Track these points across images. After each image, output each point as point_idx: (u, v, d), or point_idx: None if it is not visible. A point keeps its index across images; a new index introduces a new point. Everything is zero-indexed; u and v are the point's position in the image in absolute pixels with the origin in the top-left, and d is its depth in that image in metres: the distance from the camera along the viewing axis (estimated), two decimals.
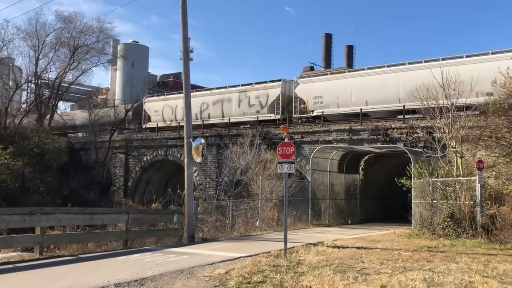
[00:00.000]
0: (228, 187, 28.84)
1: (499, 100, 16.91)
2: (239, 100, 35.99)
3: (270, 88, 34.66)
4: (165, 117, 40.70)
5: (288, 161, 11.82)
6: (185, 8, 16.29)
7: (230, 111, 36.32)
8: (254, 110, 34.99)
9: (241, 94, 35.98)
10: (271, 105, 34.09)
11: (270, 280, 8.53)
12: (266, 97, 34.52)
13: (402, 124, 26.30)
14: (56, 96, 41.09)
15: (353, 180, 27.60)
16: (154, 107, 42.05)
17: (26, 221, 11.54)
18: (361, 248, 13.26)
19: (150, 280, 8.56)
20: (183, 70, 16.76)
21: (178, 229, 16.30)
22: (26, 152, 30.66)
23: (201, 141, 15.84)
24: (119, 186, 39.31)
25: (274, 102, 33.91)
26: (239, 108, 35.74)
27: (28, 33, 39.27)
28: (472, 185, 15.91)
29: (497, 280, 8.65)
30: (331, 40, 65.24)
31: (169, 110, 40.54)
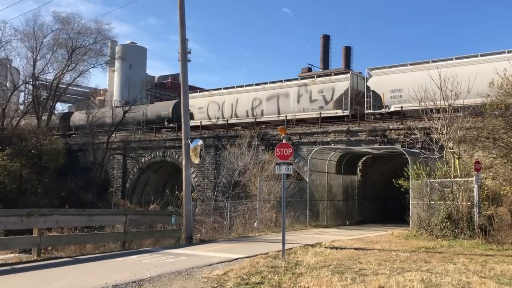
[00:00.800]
0: (226, 188, 28.83)
1: (496, 101, 16.94)
2: (299, 95, 32.67)
3: (336, 81, 31.37)
4: (211, 115, 37.99)
5: (286, 162, 11.83)
6: (183, 10, 16.29)
7: (287, 107, 33.14)
8: (316, 106, 31.70)
9: (301, 88, 32.70)
10: (337, 100, 30.81)
11: (268, 281, 8.53)
12: (331, 91, 31.17)
13: (400, 125, 26.35)
14: (54, 97, 41.07)
15: (351, 181, 27.62)
16: (198, 103, 38.87)
17: (23, 222, 11.52)
18: (359, 249, 13.27)
19: (148, 281, 8.55)
20: (181, 71, 16.77)
21: (176, 230, 16.28)
22: (24, 153, 30.61)
23: (199, 142, 15.84)
24: (117, 188, 39.25)
25: (341, 97, 30.58)
26: (299, 103, 32.33)
27: (25, 34, 39.31)
28: (470, 186, 15.93)
29: (494, 281, 8.67)
30: (329, 41, 65.33)
31: (214, 106, 37.76)
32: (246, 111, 34.95)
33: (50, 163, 32.09)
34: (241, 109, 35.81)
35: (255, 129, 31.89)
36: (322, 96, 31.57)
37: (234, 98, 36.46)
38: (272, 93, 34.35)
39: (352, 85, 30.65)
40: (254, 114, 34.77)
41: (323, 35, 65.32)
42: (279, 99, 33.80)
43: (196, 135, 33.13)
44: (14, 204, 25.14)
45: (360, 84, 31.21)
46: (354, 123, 28.71)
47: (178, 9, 16.27)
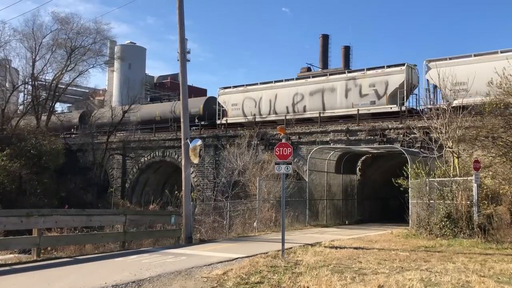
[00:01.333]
0: (225, 188, 28.85)
1: (495, 100, 16.97)
2: (346, 90, 30.41)
3: (390, 74, 29.00)
4: (246, 111, 35.47)
5: (286, 162, 11.84)
6: (182, 9, 16.29)
7: (333, 102, 30.89)
8: (367, 101, 29.44)
9: (349, 82, 30.43)
10: (391, 95, 28.57)
11: (268, 280, 8.54)
12: (384, 85, 28.96)
13: (399, 125, 26.37)
14: (53, 97, 41.00)
15: (350, 181, 27.65)
16: (232, 100, 36.60)
17: (23, 223, 11.52)
18: (358, 248, 13.29)
19: (148, 281, 8.56)
20: (180, 71, 16.77)
21: (175, 230, 16.29)
22: (23, 153, 30.59)
23: (199, 142, 15.84)
24: (117, 188, 39.23)
25: (396, 91, 28.37)
26: (347, 98, 30.06)
27: (24, 35, 39.22)
28: (469, 185, 15.96)
29: (493, 280, 8.69)
30: (328, 41, 65.33)
31: (250, 103, 35.33)
32: (286, 107, 32.92)
33: (49, 163, 32.08)
34: (280, 105, 33.65)
35: (255, 128, 31.88)
36: (374, 91, 29.24)
37: (273, 94, 34.27)
38: (316, 88, 32.01)
39: (407, 78, 28.56)
40: (296, 111, 32.67)
41: (322, 35, 65.32)
42: (324, 94, 31.50)
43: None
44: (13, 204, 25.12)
45: (414, 77, 29.32)
46: (354, 123, 28.72)
47: (177, 9, 16.27)
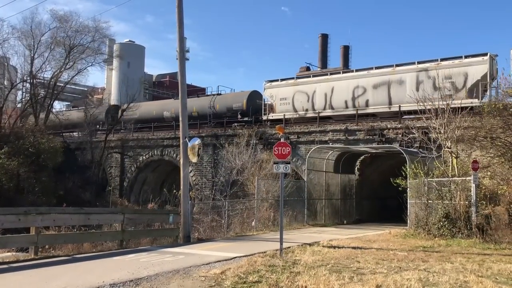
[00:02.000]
0: (224, 187, 28.87)
1: (494, 101, 16.98)
2: (417, 82, 27.67)
3: (470, 64, 26.25)
4: (297, 106, 32.59)
5: (284, 161, 11.83)
6: (181, 8, 16.27)
7: (401, 96, 27.96)
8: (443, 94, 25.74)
9: (420, 74, 27.73)
10: (471, 88, 25.85)
11: (266, 280, 8.53)
12: (463, 77, 26.28)
13: (398, 125, 26.38)
14: (52, 95, 40.93)
15: (349, 180, 27.66)
16: (280, 93, 33.85)
17: (21, 221, 11.51)
18: (356, 248, 13.29)
19: (146, 280, 8.54)
20: (179, 70, 16.75)
21: (173, 229, 16.27)
22: (21, 152, 30.56)
23: (197, 141, 15.82)
24: (115, 186, 39.24)
25: (477, 83, 25.64)
26: (418, 92, 25.96)
27: (23, 33, 39.14)
28: (467, 185, 15.97)
29: (491, 280, 8.69)
30: (327, 40, 65.39)
31: (302, 97, 32.51)
32: (345, 102, 30.03)
33: (47, 161, 32.05)
34: (338, 99, 30.77)
35: (253, 128, 31.86)
36: (451, 83, 26.15)
37: (328, 87, 31.39)
38: (381, 80, 29.29)
39: (490, 69, 25.83)
40: (356, 105, 29.94)
41: (321, 34, 65.37)
42: (391, 87, 28.70)
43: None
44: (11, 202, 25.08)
45: (494, 69, 26.53)
46: (352, 122, 28.73)
47: (177, 8, 16.25)
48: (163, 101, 46.38)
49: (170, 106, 41.80)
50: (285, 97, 33.79)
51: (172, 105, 41.37)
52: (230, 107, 37.65)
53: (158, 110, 43.06)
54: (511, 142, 16.99)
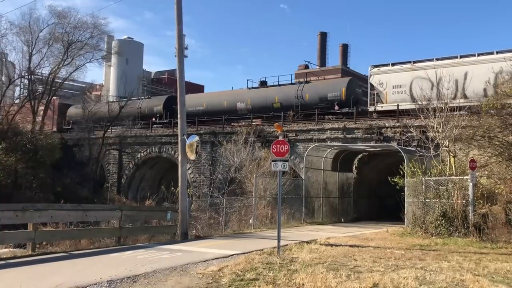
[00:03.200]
0: (222, 185, 28.86)
1: (492, 100, 17.01)
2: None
3: None
4: (416, 95, 27.06)
5: (282, 159, 11.83)
6: (180, 5, 16.24)
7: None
8: None
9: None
10: None
11: (263, 277, 8.54)
12: None
13: (396, 123, 26.41)
14: (50, 92, 40.86)
15: (346, 179, 27.69)
16: (393, 80, 29.56)
17: (18, 217, 11.49)
18: (354, 246, 13.31)
19: (143, 277, 8.55)
20: (177, 67, 16.71)
21: (171, 226, 16.27)
22: (19, 148, 30.54)
23: (195, 139, 15.80)
24: (113, 183, 39.20)
25: None
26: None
27: (21, 28, 39.06)
28: (465, 184, 16.01)
29: (488, 279, 8.72)
30: (326, 38, 65.30)
31: (424, 84, 27.51)
32: (483, 90, 25.29)
33: (45, 158, 32.04)
34: (474, 86, 26.06)
35: (251, 125, 31.85)
36: None
37: (460, 72, 26.98)
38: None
39: None
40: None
41: (320, 32, 65.29)
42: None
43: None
44: (9, 199, 25.08)
45: None
46: (351, 121, 28.73)
47: (175, 5, 16.22)
48: (235, 90, 40.99)
49: (246, 96, 36.76)
50: (400, 85, 29.22)
51: (248, 95, 36.74)
52: (324, 97, 32.68)
53: (230, 101, 37.81)
54: (509, 141, 17.02)
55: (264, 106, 35.37)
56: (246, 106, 36.29)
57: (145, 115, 42.51)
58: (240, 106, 36.75)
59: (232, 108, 37.19)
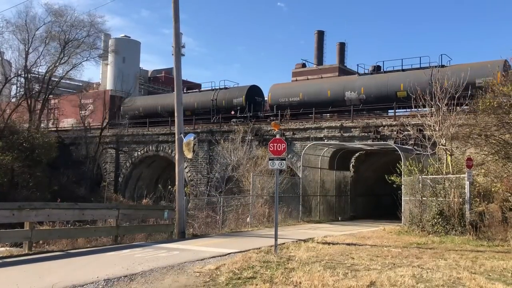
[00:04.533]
0: (219, 183, 28.86)
1: (488, 99, 17.05)
2: None
3: None
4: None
5: (279, 158, 11.84)
6: (177, 3, 16.19)
7: None
8: None
9: None
10: None
11: (260, 276, 8.55)
12: None
13: (393, 122, 26.45)
14: (46, 90, 40.73)
15: (343, 177, 27.72)
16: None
17: (15, 216, 11.45)
18: (351, 244, 13.34)
19: (140, 275, 8.54)
20: (174, 66, 16.68)
21: (168, 225, 16.26)
22: (16, 146, 30.43)
23: (192, 137, 15.78)
24: (110, 182, 39.14)
25: None
26: None
27: (17, 27, 38.85)
28: (461, 183, 16.06)
29: (484, 277, 8.75)
30: (323, 37, 65.37)
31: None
32: None
33: (42, 156, 31.93)
34: None
35: (249, 124, 31.85)
36: None
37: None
38: None
39: None
40: None
41: (317, 31, 65.33)
42: None
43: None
44: (5, 197, 24.99)
45: None
46: (348, 119, 28.76)
47: (172, 3, 16.18)
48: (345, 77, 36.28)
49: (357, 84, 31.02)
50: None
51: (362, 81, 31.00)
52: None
53: (336, 90, 31.95)
54: (505, 140, 17.07)
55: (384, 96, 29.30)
56: (358, 96, 30.59)
57: (221, 108, 37.12)
58: (351, 96, 30.87)
59: (340, 98, 31.54)
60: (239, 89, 37.76)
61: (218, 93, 38.04)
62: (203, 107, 38.33)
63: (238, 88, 38.09)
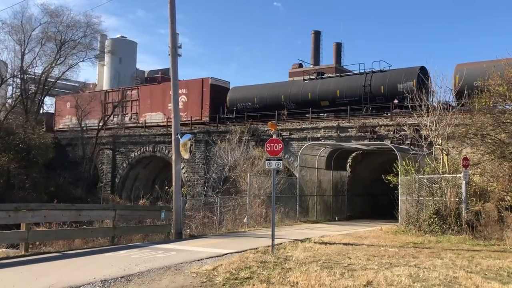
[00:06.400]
0: (216, 184, 28.83)
1: (484, 98, 17.12)
2: None
3: None
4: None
5: (276, 158, 11.85)
6: (174, 3, 16.19)
7: None
8: None
9: None
10: None
11: (257, 276, 8.55)
12: None
13: (389, 122, 26.50)
14: (43, 91, 40.63)
15: (340, 177, 27.76)
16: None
17: (11, 217, 11.41)
18: (348, 244, 13.36)
19: (137, 276, 8.53)
20: (171, 66, 16.66)
21: (165, 225, 16.25)
22: (12, 147, 30.32)
23: (189, 138, 15.78)
24: (106, 183, 39.06)
25: None
26: None
27: (13, 27, 38.75)
28: (458, 182, 16.11)
29: (480, 276, 8.79)
30: (319, 37, 65.48)
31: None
32: None
33: (38, 157, 31.84)
34: None
35: (246, 124, 31.85)
36: None
37: None
38: None
39: None
40: None
41: (314, 31, 65.44)
42: None
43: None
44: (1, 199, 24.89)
45: None
46: (344, 119, 28.80)
47: (169, 3, 16.17)
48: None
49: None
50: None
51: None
52: None
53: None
54: (501, 139, 17.13)
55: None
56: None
57: (376, 96, 29.42)
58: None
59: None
60: (406, 71, 29.29)
61: (372, 77, 30.13)
62: (349, 96, 30.57)
63: (405, 70, 29.50)
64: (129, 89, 43.43)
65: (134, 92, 42.38)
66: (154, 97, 40.23)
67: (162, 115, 39.20)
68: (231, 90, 37.63)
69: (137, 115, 41.52)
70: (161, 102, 39.11)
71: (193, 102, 37.29)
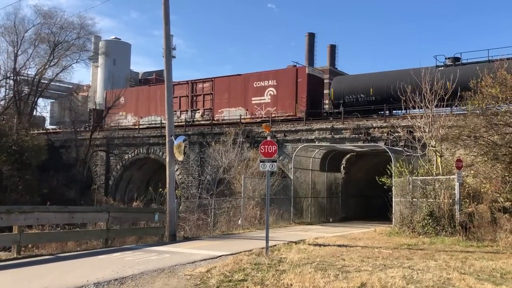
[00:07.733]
0: (210, 186, 28.76)
1: (477, 100, 17.20)
2: None
3: None
4: None
5: (271, 160, 11.84)
6: (168, 5, 16.17)
7: None
8: None
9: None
10: None
11: (251, 278, 8.54)
12: None
13: (383, 123, 26.60)
14: (36, 93, 40.42)
15: (334, 179, 27.81)
16: None
17: (3, 219, 11.32)
18: (342, 246, 13.37)
19: (131, 279, 8.49)
20: (165, 68, 16.63)
21: (159, 227, 16.19)
22: (4, 149, 30.12)
23: (183, 140, 15.75)
24: (100, 185, 38.87)
25: None
26: None
27: (6, 28, 38.62)
28: (451, 184, 16.18)
29: (474, 277, 8.82)
30: (314, 39, 65.53)
31: None
32: None
33: (31, 159, 31.65)
34: None
35: (240, 126, 31.84)
36: None
37: None
38: None
39: None
40: None
41: (308, 33, 65.49)
42: None
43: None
44: None
45: None
46: (339, 121, 28.87)
47: (163, 5, 16.14)
48: None
49: None
50: None
51: None
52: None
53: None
54: (494, 141, 17.22)
55: None
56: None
57: None
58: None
59: None
60: None
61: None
62: None
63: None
64: (200, 82, 38.25)
65: (207, 85, 37.45)
66: (232, 90, 35.41)
67: (244, 111, 34.49)
68: (336, 80, 32.64)
69: (210, 111, 36.88)
70: (242, 96, 34.58)
71: (284, 96, 32.34)
